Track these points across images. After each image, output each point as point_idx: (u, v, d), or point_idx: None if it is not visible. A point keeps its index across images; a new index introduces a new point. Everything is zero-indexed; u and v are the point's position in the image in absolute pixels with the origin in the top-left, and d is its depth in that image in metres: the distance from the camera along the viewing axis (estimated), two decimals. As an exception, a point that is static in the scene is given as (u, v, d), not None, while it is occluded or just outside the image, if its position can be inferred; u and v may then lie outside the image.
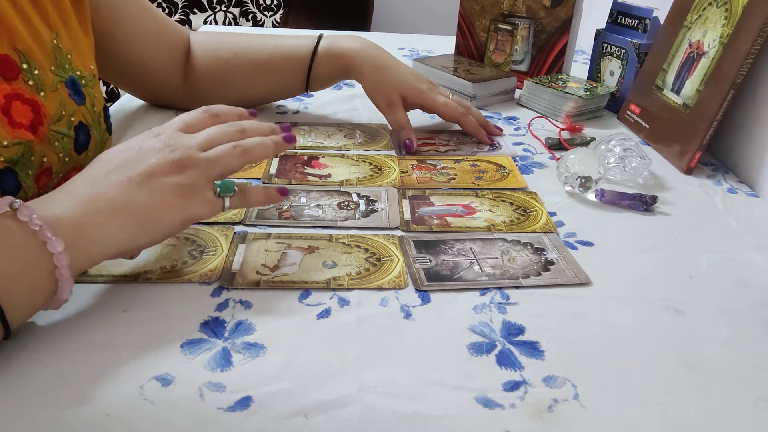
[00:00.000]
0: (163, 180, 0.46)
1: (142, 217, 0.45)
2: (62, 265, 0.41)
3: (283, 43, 0.82)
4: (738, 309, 0.51)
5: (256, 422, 0.38)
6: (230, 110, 0.54)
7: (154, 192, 0.45)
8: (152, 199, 0.45)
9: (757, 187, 0.74)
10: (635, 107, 0.89)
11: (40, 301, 0.42)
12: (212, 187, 0.49)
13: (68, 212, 0.42)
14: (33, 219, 0.40)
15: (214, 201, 0.49)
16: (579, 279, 0.53)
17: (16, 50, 0.51)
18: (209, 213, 0.49)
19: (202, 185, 0.48)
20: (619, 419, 0.39)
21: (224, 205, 0.49)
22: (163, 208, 0.46)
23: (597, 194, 0.67)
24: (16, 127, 0.50)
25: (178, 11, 2.07)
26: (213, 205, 0.49)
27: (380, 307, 0.49)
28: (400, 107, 0.79)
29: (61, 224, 0.41)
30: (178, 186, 0.46)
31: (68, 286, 0.42)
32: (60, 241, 0.40)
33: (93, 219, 0.43)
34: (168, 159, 0.47)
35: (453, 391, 0.41)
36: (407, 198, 0.66)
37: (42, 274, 0.41)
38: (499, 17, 1.04)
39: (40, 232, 0.40)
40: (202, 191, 0.48)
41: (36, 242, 0.40)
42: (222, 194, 0.49)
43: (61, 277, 0.41)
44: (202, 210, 0.48)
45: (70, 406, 0.38)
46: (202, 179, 0.48)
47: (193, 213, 0.48)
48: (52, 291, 0.42)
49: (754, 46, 0.70)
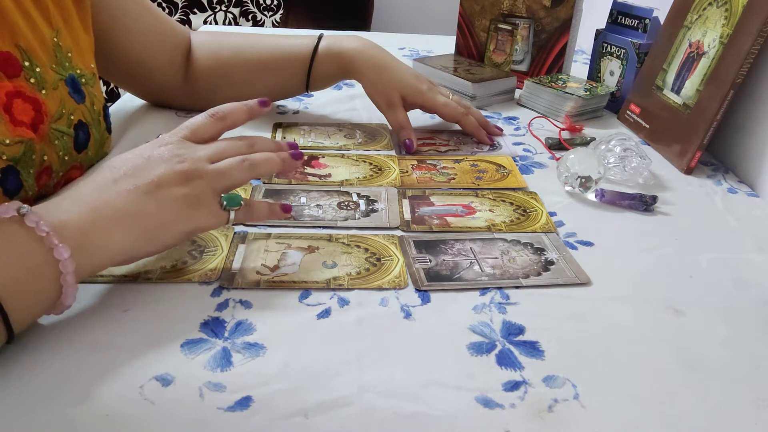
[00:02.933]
0: (170, 190, 0.46)
1: (148, 226, 0.45)
2: (68, 272, 0.41)
3: (284, 43, 0.82)
4: (738, 309, 0.51)
5: (256, 422, 0.38)
6: (237, 108, 0.53)
7: (161, 202, 0.45)
8: (159, 209, 0.45)
9: (757, 187, 0.74)
10: (635, 107, 0.89)
11: (43, 306, 0.42)
12: (218, 200, 0.49)
13: (75, 219, 0.42)
14: (40, 225, 0.40)
15: (220, 213, 0.49)
16: (579, 279, 0.53)
17: (18, 47, 0.51)
18: (214, 225, 0.49)
19: (208, 197, 0.48)
20: (619, 419, 0.39)
21: (229, 218, 0.49)
22: (169, 218, 0.46)
23: (597, 194, 0.67)
24: (17, 126, 0.50)
25: (178, 11, 2.07)
26: (218, 217, 0.49)
27: (380, 307, 0.49)
28: (400, 107, 0.79)
29: (67, 231, 0.41)
30: (184, 197, 0.46)
31: (72, 292, 0.42)
32: (66, 248, 0.40)
33: (99, 226, 0.43)
34: (176, 170, 0.46)
35: (453, 391, 0.41)
36: (407, 198, 0.66)
37: (47, 280, 0.40)
38: (499, 17, 1.04)
39: (47, 239, 0.40)
40: (208, 203, 0.48)
41: (42, 248, 0.40)
42: (228, 207, 0.49)
43: (66, 283, 0.41)
44: (208, 221, 0.48)
45: (71, 405, 0.38)
46: (208, 191, 0.48)
47: (198, 224, 0.48)
48: (57, 297, 0.42)
49: (754, 46, 0.70)
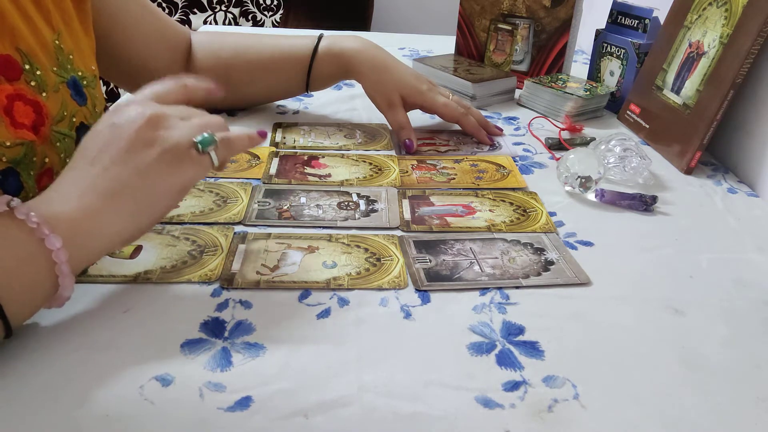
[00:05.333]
0: (145, 154, 0.45)
1: (137, 198, 0.45)
2: (61, 261, 0.41)
3: (284, 43, 0.82)
4: (738, 309, 0.51)
5: (256, 422, 0.38)
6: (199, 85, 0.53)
7: (141, 170, 0.44)
8: (141, 177, 0.44)
9: (757, 187, 0.74)
10: (635, 107, 0.89)
11: (41, 298, 0.42)
12: (194, 146, 0.47)
13: (64, 209, 0.42)
14: (30, 216, 0.40)
15: (201, 159, 0.47)
16: (579, 279, 0.53)
17: (19, 50, 0.51)
18: (200, 173, 0.47)
19: (183, 148, 0.46)
20: (619, 419, 0.39)
21: (212, 160, 0.48)
22: (153, 182, 0.45)
23: (597, 194, 0.67)
24: (18, 128, 0.50)
25: (178, 11, 2.07)
26: (201, 163, 0.47)
27: (380, 307, 0.49)
28: (400, 107, 0.79)
29: (57, 221, 0.41)
30: (160, 156, 0.45)
31: (69, 282, 0.42)
32: (58, 238, 0.40)
33: (88, 212, 0.43)
34: (142, 119, 0.45)
35: (453, 391, 0.41)
36: (407, 198, 0.66)
37: (42, 271, 0.41)
38: (499, 17, 1.04)
39: (38, 230, 0.40)
40: (186, 154, 0.46)
41: (34, 239, 0.40)
42: (204, 149, 0.47)
43: (61, 273, 0.41)
44: (193, 172, 0.47)
45: (71, 406, 0.38)
46: (182, 142, 0.46)
47: (183, 178, 0.47)
48: (54, 288, 0.42)
49: (754, 46, 0.70)
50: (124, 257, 0.53)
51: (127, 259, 0.52)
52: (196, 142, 0.47)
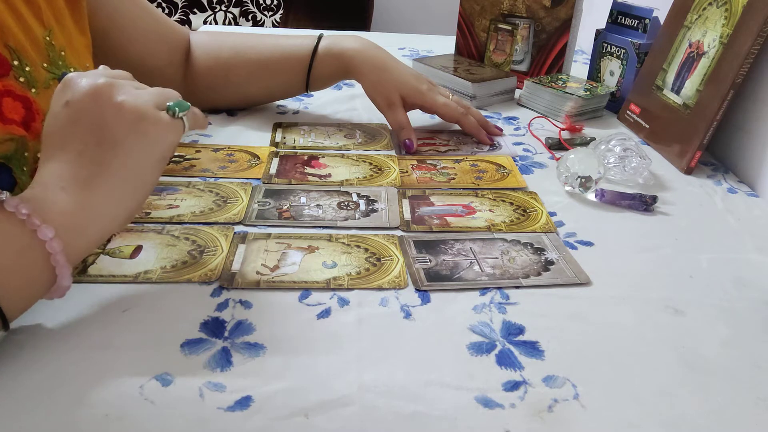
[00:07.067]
0: (115, 127, 0.44)
1: (121, 175, 0.44)
2: (56, 252, 0.40)
3: (284, 43, 0.82)
4: (738, 309, 0.51)
5: (256, 422, 0.38)
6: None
7: (115, 143, 0.44)
8: (116, 154, 0.44)
9: (757, 187, 0.74)
10: (635, 107, 0.89)
11: (38, 290, 0.42)
12: (164, 109, 0.46)
13: (53, 200, 0.42)
14: (19, 208, 0.40)
15: (175, 123, 0.46)
16: (579, 279, 0.53)
17: (7, 47, 0.51)
18: (174, 136, 0.46)
19: (150, 113, 0.45)
20: (619, 419, 0.39)
21: (184, 124, 0.47)
22: (130, 155, 0.44)
23: (597, 194, 0.67)
24: (7, 123, 0.50)
25: (177, 11, 2.07)
26: (176, 127, 0.46)
27: (380, 307, 0.49)
28: (400, 107, 0.79)
29: (49, 213, 0.41)
30: (130, 127, 0.44)
31: (66, 272, 0.42)
32: (50, 228, 0.40)
33: (77, 204, 0.43)
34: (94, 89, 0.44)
35: (453, 391, 0.41)
36: (407, 198, 0.66)
37: (36, 262, 0.40)
38: (499, 17, 1.04)
39: (29, 221, 0.40)
40: (155, 119, 0.45)
41: (26, 231, 0.40)
42: (179, 114, 0.46)
43: (57, 263, 0.41)
44: (172, 136, 0.46)
45: (70, 406, 0.38)
46: (147, 107, 0.45)
47: (163, 144, 0.46)
48: (51, 280, 0.42)
49: (754, 46, 0.70)
50: (124, 257, 0.53)
51: (127, 259, 0.52)
52: (172, 106, 0.46)
